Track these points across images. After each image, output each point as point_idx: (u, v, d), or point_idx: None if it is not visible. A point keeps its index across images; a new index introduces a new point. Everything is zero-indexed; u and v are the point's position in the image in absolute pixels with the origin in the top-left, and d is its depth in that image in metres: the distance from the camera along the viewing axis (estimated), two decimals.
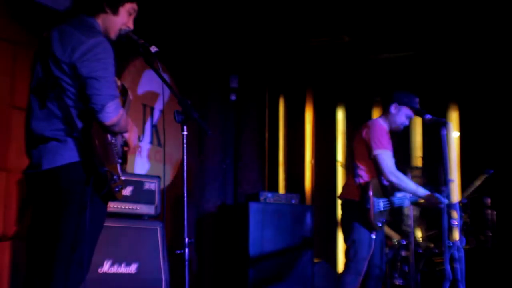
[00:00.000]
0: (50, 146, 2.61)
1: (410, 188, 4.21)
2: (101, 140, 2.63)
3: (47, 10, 4.14)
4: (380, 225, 4.15)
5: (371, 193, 4.08)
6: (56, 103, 2.61)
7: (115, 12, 2.80)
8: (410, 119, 4.41)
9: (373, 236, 4.13)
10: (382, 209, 4.18)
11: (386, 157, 4.14)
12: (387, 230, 5.95)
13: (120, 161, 2.76)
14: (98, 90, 2.57)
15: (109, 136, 2.69)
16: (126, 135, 2.85)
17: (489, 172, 4.66)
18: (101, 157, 2.60)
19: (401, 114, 4.34)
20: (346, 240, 4.26)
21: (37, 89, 2.66)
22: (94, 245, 2.70)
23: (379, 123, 4.34)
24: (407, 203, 4.43)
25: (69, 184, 2.59)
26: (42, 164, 2.62)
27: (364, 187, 4.13)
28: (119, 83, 2.88)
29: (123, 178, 2.74)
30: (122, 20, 2.83)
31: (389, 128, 4.37)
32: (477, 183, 4.69)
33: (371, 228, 4.12)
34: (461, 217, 4.48)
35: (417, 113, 4.38)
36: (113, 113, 2.62)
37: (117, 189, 2.69)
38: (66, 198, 2.60)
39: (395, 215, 5.97)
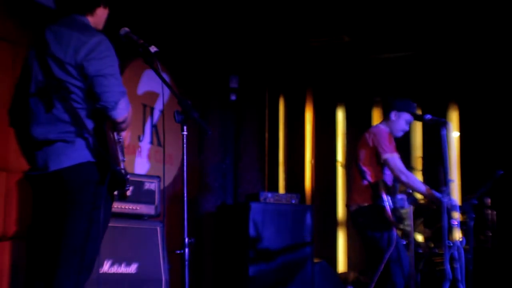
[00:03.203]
0: (56, 147, 2.58)
1: (419, 187, 4.29)
2: (112, 139, 2.63)
3: (48, 10, 4.13)
4: (396, 221, 4.20)
5: (383, 191, 4.19)
6: (61, 106, 2.57)
7: (105, 5, 2.82)
8: (409, 124, 4.55)
9: (394, 233, 4.22)
10: (392, 206, 4.25)
11: (395, 160, 4.29)
12: None
13: (125, 159, 2.75)
14: (108, 87, 2.56)
15: (115, 134, 2.69)
16: (123, 132, 2.85)
17: (498, 174, 4.64)
18: (115, 155, 2.59)
19: (401, 120, 4.49)
20: (379, 248, 4.24)
21: (39, 93, 2.61)
22: (99, 245, 2.70)
23: (382, 129, 4.47)
24: (406, 205, 4.45)
25: (79, 185, 2.57)
26: (48, 166, 2.58)
27: (375, 187, 4.22)
28: None
29: (128, 176, 2.73)
30: (108, 10, 2.85)
31: (390, 130, 4.51)
32: (488, 183, 4.67)
33: (389, 225, 4.19)
34: (471, 217, 4.50)
35: (416, 117, 4.56)
36: (125, 110, 2.62)
37: (127, 188, 2.69)
38: (76, 199, 2.57)
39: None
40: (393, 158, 4.29)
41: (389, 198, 4.24)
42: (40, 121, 2.60)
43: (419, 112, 6.47)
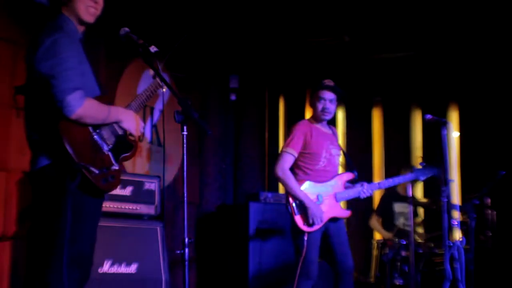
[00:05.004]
0: (34, 147, 2.69)
1: (292, 188, 4.14)
2: (73, 136, 2.58)
3: (46, 9, 4.14)
4: (310, 228, 4.09)
5: (290, 198, 4.13)
6: (35, 108, 2.66)
7: None
8: (325, 100, 4.31)
9: (305, 238, 4.10)
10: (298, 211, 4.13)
11: (286, 156, 4.20)
12: (379, 229, 5.95)
13: (106, 149, 2.70)
14: (57, 86, 2.55)
15: (90, 129, 2.66)
16: (124, 125, 2.83)
17: (500, 174, 4.63)
18: (75, 153, 2.55)
19: (314, 104, 4.33)
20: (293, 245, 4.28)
21: (24, 95, 2.74)
22: (93, 242, 2.70)
23: (299, 125, 4.34)
24: (363, 195, 4.31)
25: (46, 186, 2.63)
26: (30, 166, 2.69)
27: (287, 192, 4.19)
28: (151, 72, 2.92)
29: (114, 168, 2.70)
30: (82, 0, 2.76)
31: (317, 121, 4.35)
32: (490, 184, 4.66)
33: (300, 231, 4.11)
34: (472, 217, 4.49)
35: (324, 87, 4.32)
36: (75, 106, 2.56)
37: (103, 182, 2.63)
38: (47, 200, 2.63)
39: (384, 213, 5.96)
40: (286, 154, 4.19)
41: (295, 202, 4.12)
42: (28, 122, 2.71)
43: (419, 112, 6.51)
